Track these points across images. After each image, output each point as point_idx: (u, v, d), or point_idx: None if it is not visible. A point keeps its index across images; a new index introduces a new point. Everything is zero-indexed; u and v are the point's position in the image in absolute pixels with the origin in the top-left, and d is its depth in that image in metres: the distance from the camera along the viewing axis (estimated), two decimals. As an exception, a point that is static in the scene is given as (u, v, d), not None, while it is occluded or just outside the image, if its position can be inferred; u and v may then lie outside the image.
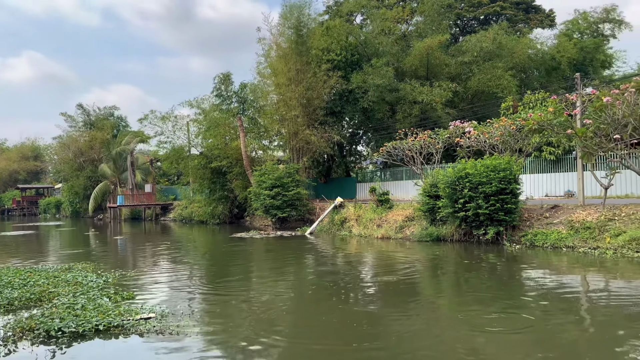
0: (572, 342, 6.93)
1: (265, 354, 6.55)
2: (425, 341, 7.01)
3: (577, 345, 6.82)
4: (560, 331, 7.37)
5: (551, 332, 7.31)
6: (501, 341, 6.99)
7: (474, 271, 13.20)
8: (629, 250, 13.94)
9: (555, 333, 7.28)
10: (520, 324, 7.82)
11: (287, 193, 28.12)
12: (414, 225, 21.38)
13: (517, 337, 7.17)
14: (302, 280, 12.90)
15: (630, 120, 15.09)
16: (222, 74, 37.58)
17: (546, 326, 7.62)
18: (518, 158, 20.24)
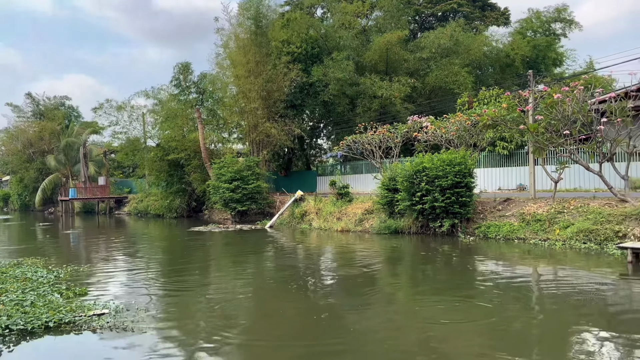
0: (523, 329, 7.20)
1: (222, 352, 6.46)
2: (384, 333, 7.11)
3: (528, 332, 7.08)
4: (513, 319, 7.65)
5: (504, 321, 7.57)
6: (457, 330, 7.18)
7: (430, 262, 13.51)
8: (577, 242, 14.59)
9: (507, 321, 7.54)
10: (474, 314, 8.06)
11: (246, 186, 27.87)
12: (373, 218, 21.63)
13: (472, 326, 7.39)
14: (262, 274, 12.85)
15: (579, 116, 15.74)
16: (181, 64, 36.80)
17: (499, 315, 7.89)
18: (473, 152, 20.80)
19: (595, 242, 14.19)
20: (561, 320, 7.64)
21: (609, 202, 15.54)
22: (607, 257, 12.83)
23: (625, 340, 6.38)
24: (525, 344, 6.53)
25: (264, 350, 6.59)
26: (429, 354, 6.13)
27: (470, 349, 6.30)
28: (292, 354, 6.32)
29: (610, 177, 16.57)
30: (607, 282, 10.14)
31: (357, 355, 6.19)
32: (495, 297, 9.12)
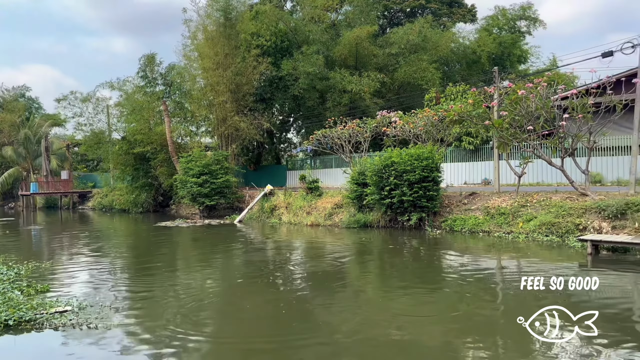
0: (487, 319, 7.38)
1: (189, 349, 6.36)
2: (353, 326, 7.17)
3: (492, 322, 7.27)
4: (477, 309, 7.83)
5: (469, 311, 7.75)
6: (423, 321, 7.30)
7: (398, 256, 13.69)
8: (539, 234, 15.03)
9: (472, 311, 7.72)
10: (441, 305, 8.23)
11: (215, 181, 27.55)
12: (342, 212, 21.74)
13: (438, 317, 7.53)
14: (231, 269, 12.76)
15: (542, 112, 16.18)
16: (147, 55, 35.97)
17: (464, 305, 8.07)
18: (440, 147, 21.14)
19: (557, 235, 14.65)
20: (523, 310, 7.86)
21: (570, 196, 16.06)
22: (568, 249, 13.27)
23: (584, 329, 6.62)
24: (489, 333, 6.70)
25: (232, 347, 6.55)
26: (397, 345, 6.22)
27: (436, 338, 6.43)
28: (261, 348, 6.30)
29: (572, 172, 17.10)
30: (568, 273, 10.49)
31: (326, 349, 6.23)
32: (461, 288, 9.32)
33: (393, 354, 5.93)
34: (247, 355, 6.07)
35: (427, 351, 5.99)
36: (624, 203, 14.10)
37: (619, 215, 13.96)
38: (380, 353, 5.98)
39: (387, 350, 6.06)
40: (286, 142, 40.62)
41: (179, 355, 6.08)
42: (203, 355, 6.12)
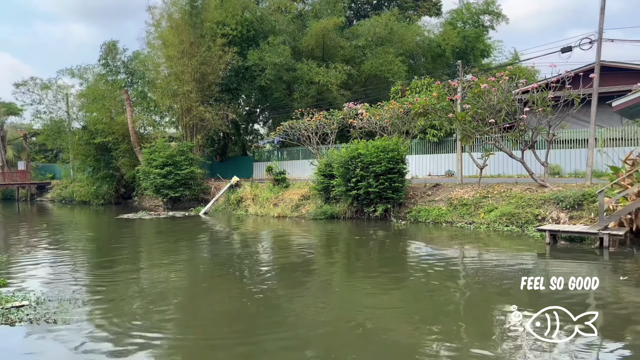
0: (450, 307, 7.55)
1: (150, 345, 6.24)
2: (319, 317, 7.21)
3: (455, 310, 7.44)
4: (441, 297, 8.00)
5: (433, 299, 7.91)
6: (388, 310, 7.41)
7: (364, 246, 13.82)
8: (500, 225, 15.45)
9: (436, 299, 7.88)
10: (405, 294, 8.37)
11: (179, 172, 27.11)
12: (309, 204, 21.77)
13: (403, 305, 7.66)
14: (196, 262, 12.60)
15: (504, 106, 16.58)
16: (109, 42, 34.88)
17: (428, 294, 8.23)
18: (405, 139, 21.40)
19: (517, 225, 15.09)
20: (485, 297, 8.09)
21: (530, 187, 16.55)
22: (527, 238, 13.69)
23: (542, 314, 6.86)
24: (452, 320, 6.86)
25: (196, 343, 6.49)
26: (363, 335, 6.29)
27: (401, 327, 6.54)
28: (225, 344, 6.26)
29: (532, 164, 17.62)
30: (527, 262, 10.84)
31: (292, 342, 6.24)
32: (425, 277, 9.49)
33: (359, 344, 6.00)
34: (211, 350, 6.02)
35: (393, 341, 6.08)
36: (580, 194, 14.64)
37: (576, 206, 14.49)
38: (347, 344, 6.04)
39: (353, 341, 6.12)
40: (253, 133, 40.28)
41: (141, 351, 5.96)
42: (166, 351, 6.03)
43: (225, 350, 5.91)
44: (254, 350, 5.86)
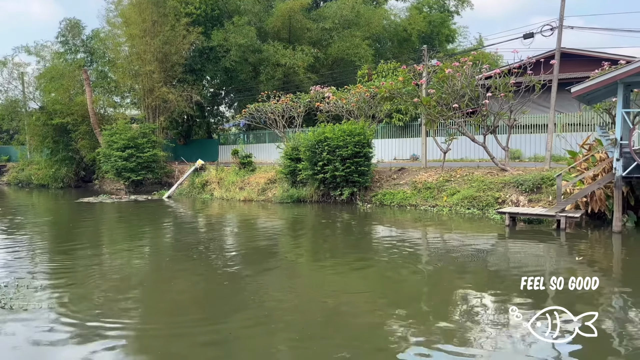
0: (413, 288, 7.70)
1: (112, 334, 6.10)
2: (284, 299, 7.23)
3: (418, 290, 7.60)
4: (404, 279, 8.15)
5: (396, 280, 8.05)
6: (353, 291, 7.49)
7: (330, 230, 13.91)
8: (461, 207, 15.81)
9: (399, 281, 8.03)
10: (370, 275, 8.48)
11: (141, 155, 26.51)
12: (275, 188, 21.70)
13: (367, 287, 7.76)
14: (159, 247, 12.40)
15: (467, 91, 16.85)
16: (68, 19, 33.48)
17: (392, 275, 8.37)
18: (371, 124, 21.52)
19: (478, 208, 15.48)
20: (447, 278, 8.29)
21: (491, 171, 16.97)
22: (488, 221, 14.07)
23: (502, 292, 7.09)
24: (415, 300, 7.01)
25: (159, 330, 6.41)
26: (329, 316, 6.35)
27: (365, 307, 6.63)
28: (189, 332, 6.21)
29: (493, 148, 18.04)
30: (487, 244, 11.15)
31: (258, 326, 6.24)
32: (389, 259, 9.64)
33: (326, 326, 6.06)
34: (175, 336, 5.96)
35: (358, 323, 6.17)
36: (539, 178, 15.11)
37: (534, 189, 14.96)
38: (313, 326, 6.08)
39: (320, 323, 6.17)
40: (218, 115, 39.65)
41: (102, 339, 5.84)
42: (127, 339, 5.93)
43: (190, 337, 5.86)
44: (220, 335, 5.83)
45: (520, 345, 5.24)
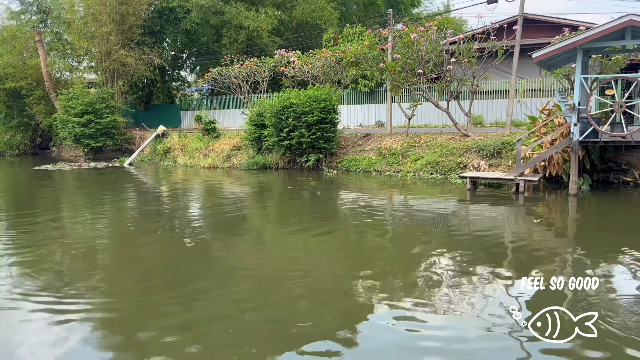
0: (378, 251, 7.86)
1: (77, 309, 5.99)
2: (252, 266, 7.26)
3: (382, 253, 7.76)
4: (369, 242, 8.31)
5: (361, 244, 8.19)
6: (319, 256, 7.60)
7: (296, 196, 13.95)
8: (425, 173, 16.10)
9: (364, 245, 8.18)
10: (335, 240, 8.60)
11: (100, 120, 25.66)
12: (241, 154, 21.48)
13: (333, 251, 7.88)
14: (122, 216, 12.17)
15: (432, 56, 16.88)
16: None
17: (357, 239, 8.52)
18: (337, 89, 21.39)
19: (441, 173, 15.79)
20: (410, 241, 8.49)
21: (454, 137, 17.25)
22: (450, 185, 14.39)
23: (463, 252, 7.33)
24: (379, 263, 7.16)
25: (126, 303, 6.35)
26: (295, 278, 6.43)
27: (331, 270, 6.74)
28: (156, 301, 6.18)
29: (456, 114, 18.27)
30: (449, 207, 11.44)
31: (225, 292, 6.27)
32: (354, 224, 9.79)
33: (291, 290, 6.14)
34: (141, 304, 5.93)
35: (324, 285, 6.27)
36: (500, 143, 15.48)
37: (495, 154, 15.33)
38: (279, 290, 6.15)
39: (286, 287, 6.25)
40: (179, 80, 38.55)
41: (65, 309, 5.75)
42: (92, 307, 5.86)
43: (156, 304, 5.84)
44: (188, 304, 5.83)
45: (476, 302, 5.46)
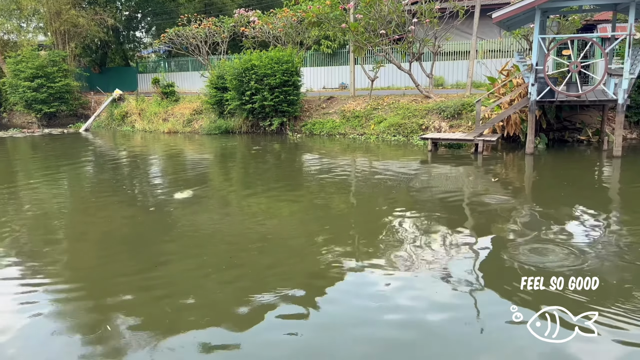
0: (342, 213, 7.96)
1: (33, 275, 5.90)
2: (214, 230, 7.23)
3: (346, 215, 7.86)
4: (333, 205, 8.38)
5: (325, 207, 8.26)
6: (284, 220, 7.64)
7: (260, 160, 13.86)
8: (388, 135, 16.23)
9: (328, 208, 8.25)
10: (300, 203, 8.65)
11: (53, 85, 24.51)
12: (202, 119, 21.05)
13: (298, 215, 7.94)
14: (81, 183, 11.82)
15: (394, 17, 16.73)
16: None
17: (321, 202, 8.58)
18: (299, 51, 21.02)
19: (403, 135, 15.96)
20: (374, 203, 8.63)
21: (416, 99, 17.36)
22: (412, 147, 14.59)
23: (425, 213, 7.52)
24: (343, 225, 7.26)
25: (85, 263, 6.25)
26: (259, 242, 6.46)
27: (295, 233, 6.80)
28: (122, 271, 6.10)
29: (418, 76, 18.33)
30: (411, 169, 11.62)
31: (190, 260, 6.24)
32: (318, 187, 9.84)
33: (254, 254, 6.17)
34: (102, 270, 5.85)
35: (292, 249, 6.33)
36: (460, 104, 15.70)
37: (456, 115, 15.57)
38: (243, 253, 6.17)
39: (250, 250, 6.27)
40: (135, 41, 36.96)
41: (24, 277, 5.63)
42: (51, 277, 5.75)
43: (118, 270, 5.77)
44: (151, 269, 5.79)
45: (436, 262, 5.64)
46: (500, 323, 4.28)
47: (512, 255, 5.65)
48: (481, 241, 6.22)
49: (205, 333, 4.25)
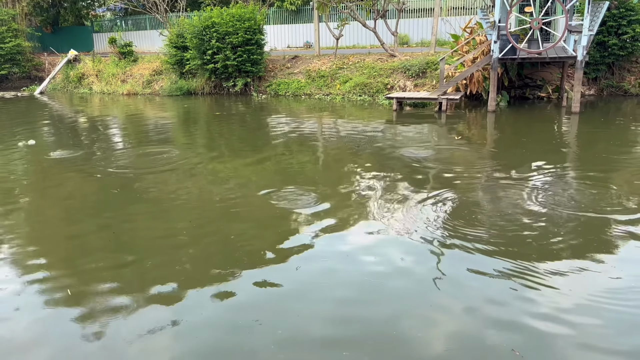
0: (310, 171, 7.98)
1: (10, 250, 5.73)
2: (180, 194, 7.15)
3: (314, 172, 7.88)
4: (301, 164, 8.39)
5: (293, 166, 8.26)
6: (252, 179, 7.60)
7: (225, 122, 13.63)
8: (354, 95, 16.16)
9: (296, 166, 8.25)
10: (268, 163, 8.60)
11: (3, 46, 23.24)
12: (162, 80, 20.42)
13: (266, 173, 7.91)
14: (39, 149, 11.38)
15: (358, -27, 16.38)
16: None
17: (289, 162, 8.57)
18: (262, 7, 20.43)
19: (369, 95, 15.92)
20: (341, 161, 8.67)
21: (381, 57, 17.25)
22: (377, 107, 14.60)
23: (389, 171, 7.61)
24: (311, 182, 7.29)
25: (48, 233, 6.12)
26: (225, 207, 6.44)
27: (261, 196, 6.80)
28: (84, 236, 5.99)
29: (383, 34, 18.16)
30: (377, 128, 11.66)
31: (156, 222, 6.18)
32: (284, 149, 9.80)
33: (221, 219, 6.15)
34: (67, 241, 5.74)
35: (255, 212, 6.33)
36: (425, 62, 15.70)
37: (420, 74, 15.59)
38: (210, 218, 6.15)
39: (216, 216, 6.25)
40: (89, -1, 35.07)
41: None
42: (23, 253, 5.61)
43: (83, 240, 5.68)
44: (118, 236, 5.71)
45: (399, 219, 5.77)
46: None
47: (468, 204, 5.82)
48: (445, 194, 6.37)
49: (171, 294, 4.26)
